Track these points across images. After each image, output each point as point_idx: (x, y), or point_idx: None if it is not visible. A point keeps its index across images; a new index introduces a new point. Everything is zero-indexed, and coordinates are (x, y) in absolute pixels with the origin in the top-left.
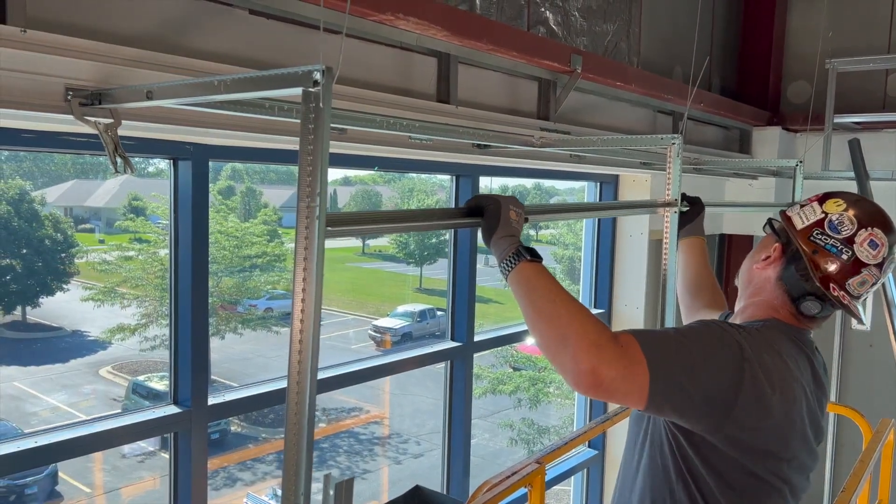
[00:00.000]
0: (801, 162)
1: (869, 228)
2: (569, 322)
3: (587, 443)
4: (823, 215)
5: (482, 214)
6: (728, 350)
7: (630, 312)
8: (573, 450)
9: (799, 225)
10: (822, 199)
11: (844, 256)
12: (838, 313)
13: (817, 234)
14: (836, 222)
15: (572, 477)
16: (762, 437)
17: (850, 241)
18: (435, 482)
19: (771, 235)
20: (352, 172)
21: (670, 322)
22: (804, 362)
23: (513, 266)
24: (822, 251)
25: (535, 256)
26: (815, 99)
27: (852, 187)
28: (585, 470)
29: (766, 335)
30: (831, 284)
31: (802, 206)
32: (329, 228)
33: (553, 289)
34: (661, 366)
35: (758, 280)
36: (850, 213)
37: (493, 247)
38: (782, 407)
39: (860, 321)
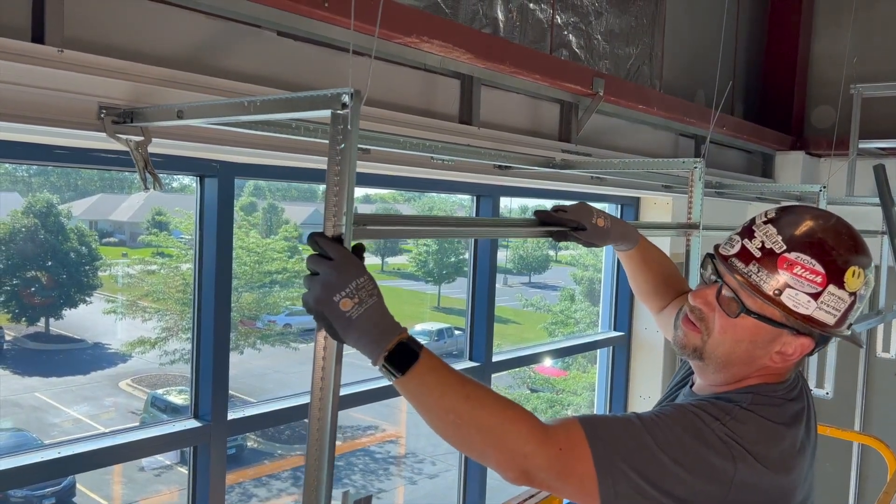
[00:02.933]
0: (824, 187)
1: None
2: (481, 439)
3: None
4: (852, 298)
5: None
6: (709, 448)
7: (650, 335)
8: None
9: (830, 321)
10: (836, 277)
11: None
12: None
13: (851, 316)
14: (865, 292)
15: None
16: None
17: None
18: (451, 503)
19: (767, 326)
20: (373, 190)
21: None
22: (803, 416)
23: (394, 374)
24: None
25: (406, 362)
26: (840, 124)
27: (877, 213)
28: None
29: (761, 413)
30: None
31: (814, 296)
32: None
33: (448, 403)
34: (612, 464)
35: (763, 363)
36: (870, 277)
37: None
38: (784, 484)
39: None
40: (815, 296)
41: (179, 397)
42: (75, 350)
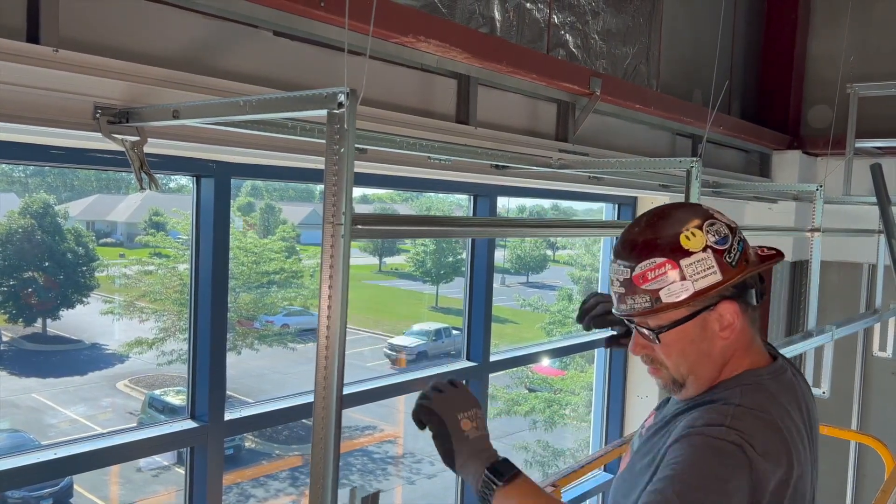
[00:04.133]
0: (821, 186)
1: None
2: None
3: (603, 467)
4: (709, 249)
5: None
6: (734, 463)
7: None
8: (588, 473)
9: (717, 279)
10: (678, 253)
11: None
12: (860, 341)
13: (728, 258)
14: (718, 237)
15: (587, 501)
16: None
17: (732, 230)
18: (449, 503)
19: (686, 325)
20: (370, 190)
21: None
22: (792, 396)
23: (489, 498)
24: (743, 254)
25: (509, 473)
26: (836, 123)
27: (874, 212)
28: (600, 494)
29: (754, 403)
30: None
31: (680, 278)
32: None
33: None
34: None
35: (720, 345)
36: (707, 223)
37: (462, 475)
38: (788, 476)
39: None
40: (681, 277)
41: (177, 398)
42: (73, 351)
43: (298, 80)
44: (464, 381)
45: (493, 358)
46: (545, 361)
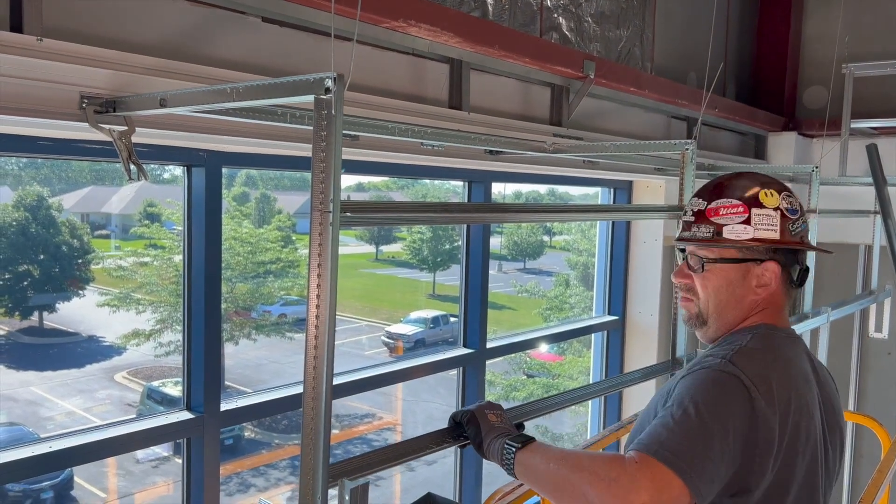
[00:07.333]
0: (817, 167)
1: (791, 193)
2: (578, 479)
3: (601, 450)
4: (779, 212)
5: (465, 433)
6: (732, 391)
7: (644, 320)
8: None
9: (774, 236)
10: (753, 202)
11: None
12: (856, 323)
13: (791, 227)
14: (790, 207)
15: None
16: (783, 450)
17: (802, 210)
18: (447, 490)
19: (733, 266)
20: (365, 178)
21: (682, 328)
22: (805, 360)
23: (511, 464)
24: (803, 232)
25: (526, 440)
26: (832, 104)
27: (870, 193)
28: None
29: (760, 345)
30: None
31: (745, 221)
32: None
33: (551, 459)
34: (679, 457)
35: (751, 299)
36: (784, 194)
37: (488, 456)
38: (791, 414)
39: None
40: (746, 221)
41: (176, 389)
42: (69, 343)
43: (289, 67)
44: (461, 369)
45: (490, 344)
46: (543, 347)
